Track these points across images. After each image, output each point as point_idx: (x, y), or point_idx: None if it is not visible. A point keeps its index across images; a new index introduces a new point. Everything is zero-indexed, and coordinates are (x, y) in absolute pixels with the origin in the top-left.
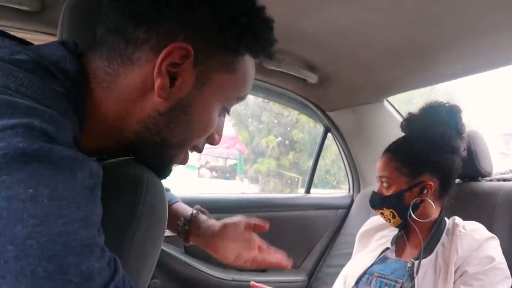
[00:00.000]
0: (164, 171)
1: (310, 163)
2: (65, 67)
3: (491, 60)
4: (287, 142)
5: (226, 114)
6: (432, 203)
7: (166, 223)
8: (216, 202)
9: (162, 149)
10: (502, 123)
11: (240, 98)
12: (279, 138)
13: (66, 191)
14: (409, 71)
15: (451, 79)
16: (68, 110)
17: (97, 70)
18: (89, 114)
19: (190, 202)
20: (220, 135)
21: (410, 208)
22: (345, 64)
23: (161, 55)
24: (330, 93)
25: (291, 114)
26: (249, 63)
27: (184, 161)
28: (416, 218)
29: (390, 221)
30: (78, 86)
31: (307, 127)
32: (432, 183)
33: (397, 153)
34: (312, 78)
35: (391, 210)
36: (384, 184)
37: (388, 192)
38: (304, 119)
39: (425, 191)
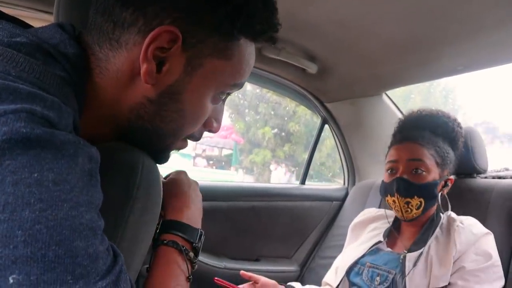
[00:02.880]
0: (160, 158)
1: (305, 155)
2: (66, 51)
3: (493, 56)
4: (283, 134)
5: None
6: (447, 197)
7: (160, 207)
8: (211, 190)
9: (155, 137)
10: (499, 122)
11: (236, 86)
12: (276, 130)
13: (69, 175)
14: (409, 65)
15: (452, 75)
16: (69, 96)
17: (92, 55)
18: (88, 100)
19: None
20: (219, 123)
21: (439, 200)
22: (345, 55)
23: (147, 39)
24: (329, 84)
25: (289, 106)
26: (246, 48)
27: (181, 147)
28: (441, 212)
29: (410, 212)
30: (80, 71)
31: (304, 120)
32: (453, 179)
33: (428, 143)
34: (312, 68)
35: (421, 199)
36: (416, 170)
37: (420, 180)
38: (301, 111)
39: (447, 186)
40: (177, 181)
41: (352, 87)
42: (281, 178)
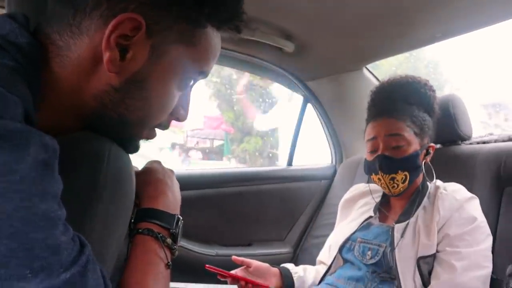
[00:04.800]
0: (129, 147)
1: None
2: (16, 41)
3: (470, 21)
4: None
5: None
6: (430, 166)
7: (134, 195)
8: (197, 178)
9: (121, 126)
10: (485, 93)
11: (202, 73)
12: None
13: (19, 165)
14: (387, 36)
15: (431, 43)
16: (19, 85)
17: (50, 45)
18: (46, 90)
19: (179, 179)
20: (186, 111)
21: (423, 169)
22: (322, 31)
23: (109, 28)
24: (307, 62)
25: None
26: (212, 36)
27: (150, 137)
28: (427, 182)
29: (396, 187)
30: (33, 61)
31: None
32: (434, 146)
33: (403, 113)
34: (289, 46)
35: (406, 173)
36: (396, 145)
37: (401, 154)
38: None
39: (430, 153)
40: (151, 169)
41: (332, 63)
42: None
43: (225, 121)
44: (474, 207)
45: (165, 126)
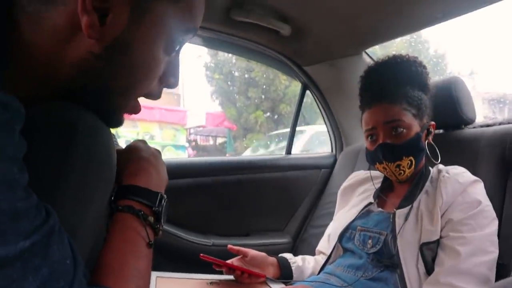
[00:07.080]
0: (111, 121)
1: (299, 136)
2: None
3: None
4: (276, 116)
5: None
6: (434, 145)
7: (114, 170)
8: (195, 165)
9: (105, 96)
10: (491, 88)
11: (188, 32)
12: (268, 113)
13: None
14: (386, 17)
15: (432, 24)
16: None
17: (20, 12)
18: (17, 59)
19: (176, 166)
20: (176, 78)
21: (427, 151)
22: (319, 12)
23: None
24: (305, 46)
25: (278, 88)
26: None
27: (134, 111)
28: (433, 161)
29: (403, 173)
30: None
31: (295, 101)
32: (434, 124)
33: (398, 97)
34: (285, 29)
35: (411, 157)
36: (396, 130)
37: (403, 139)
38: (291, 93)
39: (431, 133)
40: (135, 147)
41: (330, 47)
42: None
43: (228, 118)
44: (478, 190)
45: (156, 96)
